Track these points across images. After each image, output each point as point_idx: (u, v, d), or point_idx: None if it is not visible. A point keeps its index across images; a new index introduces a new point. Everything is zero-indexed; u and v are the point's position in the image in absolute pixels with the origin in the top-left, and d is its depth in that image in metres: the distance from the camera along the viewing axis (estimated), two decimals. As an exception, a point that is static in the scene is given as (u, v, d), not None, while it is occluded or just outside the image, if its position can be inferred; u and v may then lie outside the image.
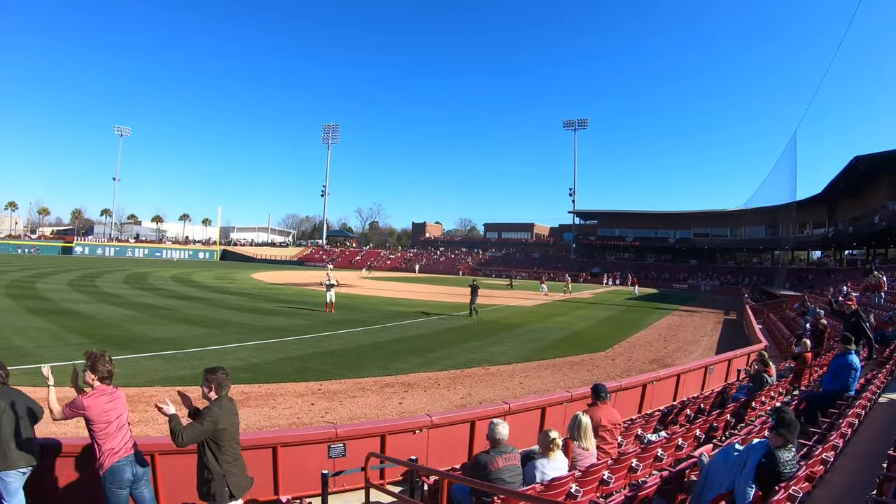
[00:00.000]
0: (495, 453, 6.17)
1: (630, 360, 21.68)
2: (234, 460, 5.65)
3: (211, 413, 5.48)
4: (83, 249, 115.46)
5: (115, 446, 5.71)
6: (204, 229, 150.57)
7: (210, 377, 5.69)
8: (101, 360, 5.89)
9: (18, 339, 19.45)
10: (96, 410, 5.65)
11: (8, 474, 5.87)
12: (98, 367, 5.84)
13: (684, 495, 6.37)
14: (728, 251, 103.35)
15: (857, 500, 5.39)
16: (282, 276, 72.33)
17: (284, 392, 14.57)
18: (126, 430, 5.92)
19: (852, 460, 6.67)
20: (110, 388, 5.93)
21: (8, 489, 5.89)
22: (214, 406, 5.56)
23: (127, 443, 5.84)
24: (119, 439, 5.77)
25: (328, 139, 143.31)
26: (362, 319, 29.85)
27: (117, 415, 5.82)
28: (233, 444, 5.66)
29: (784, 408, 5.96)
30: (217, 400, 5.65)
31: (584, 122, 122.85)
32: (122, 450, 5.75)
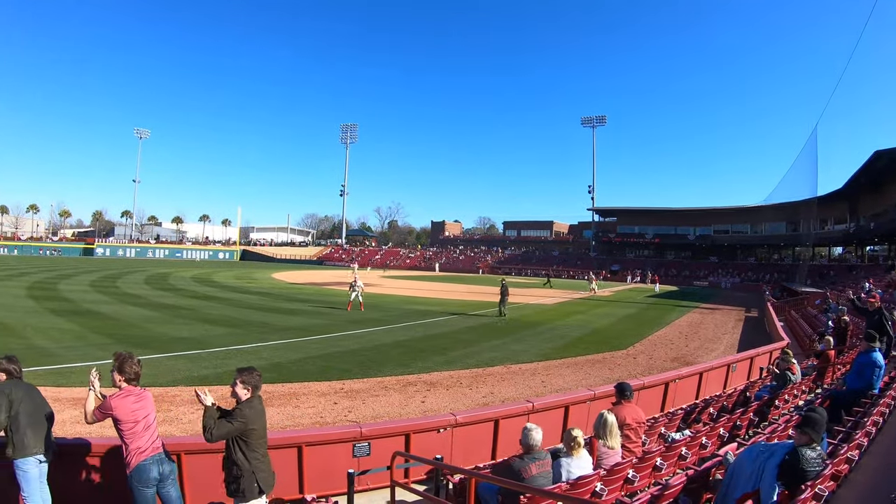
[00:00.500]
0: (529, 460, 6.14)
1: (651, 358, 21.60)
2: (262, 457, 5.71)
3: (242, 414, 5.53)
4: (104, 251, 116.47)
5: (142, 445, 5.78)
6: (224, 229, 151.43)
7: (245, 378, 5.71)
8: (129, 361, 5.98)
9: (41, 339, 19.71)
10: (123, 410, 5.74)
11: (26, 461, 5.97)
12: (125, 369, 5.92)
13: (710, 494, 6.38)
14: (748, 248, 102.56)
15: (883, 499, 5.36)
16: (302, 275, 72.58)
17: (307, 391, 14.66)
18: (153, 430, 5.99)
19: (877, 459, 6.62)
20: (137, 389, 6.01)
21: (27, 478, 5.97)
22: (246, 407, 5.60)
23: (154, 442, 5.92)
24: (146, 439, 5.83)
25: (346, 139, 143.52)
26: (383, 318, 29.94)
27: (144, 415, 5.89)
28: (261, 441, 5.72)
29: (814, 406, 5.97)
30: (249, 400, 5.68)
31: (603, 118, 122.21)
32: (148, 449, 5.81)
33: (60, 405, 11.90)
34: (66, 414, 11.49)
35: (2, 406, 5.92)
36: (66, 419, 11.17)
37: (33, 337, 20.02)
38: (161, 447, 6.00)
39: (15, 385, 6.16)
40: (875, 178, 57.93)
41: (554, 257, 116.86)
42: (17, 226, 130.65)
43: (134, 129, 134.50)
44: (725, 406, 12.35)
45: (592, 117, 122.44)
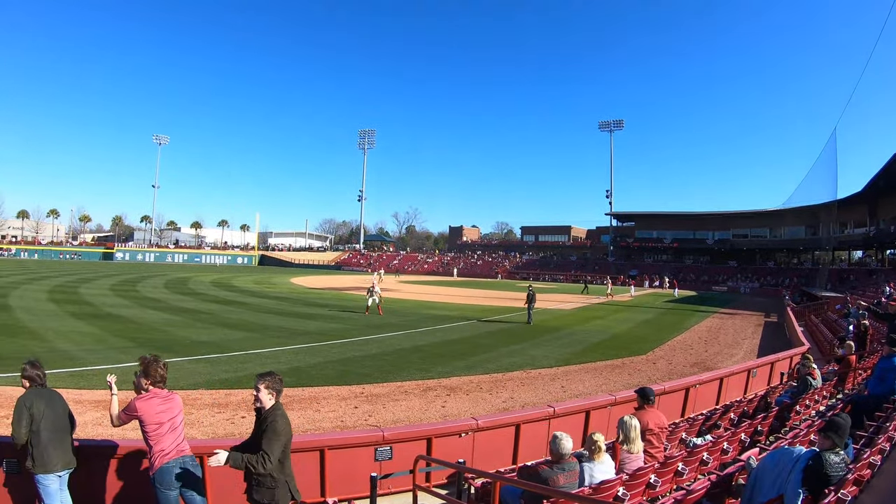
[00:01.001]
0: (558, 470, 6.12)
1: (671, 363, 21.54)
2: (289, 468, 5.60)
3: (283, 421, 5.43)
4: (124, 255, 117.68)
5: (166, 448, 5.79)
6: (242, 234, 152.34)
7: (270, 383, 5.50)
8: (154, 365, 6.02)
9: (63, 342, 19.93)
10: (148, 413, 5.78)
11: (46, 478, 5.99)
12: (150, 372, 5.96)
13: (732, 499, 6.38)
14: (768, 252, 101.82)
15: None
16: (320, 280, 72.85)
17: (328, 395, 14.73)
18: (179, 433, 6.00)
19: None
20: (164, 392, 6.03)
21: (47, 491, 6.01)
22: (280, 416, 5.44)
23: (179, 445, 5.94)
24: (170, 441, 5.85)
25: (364, 144, 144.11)
26: (402, 323, 30.02)
27: (169, 417, 5.91)
28: (288, 451, 5.59)
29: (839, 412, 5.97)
30: (275, 407, 5.52)
31: (620, 123, 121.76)
32: (172, 451, 5.82)
33: (82, 407, 12.06)
34: (87, 416, 11.65)
35: (23, 421, 5.93)
36: (88, 421, 11.36)
37: (55, 340, 20.26)
38: (187, 450, 6.01)
39: (38, 396, 6.13)
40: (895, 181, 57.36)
41: (572, 262, 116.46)
42: (38, 230, 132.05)
43: (153, 136, 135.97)
44: (746, 411, 12.33)
45: (610, 121, 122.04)
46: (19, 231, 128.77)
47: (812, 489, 5.20)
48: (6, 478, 6.67)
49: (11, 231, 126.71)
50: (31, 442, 5.95)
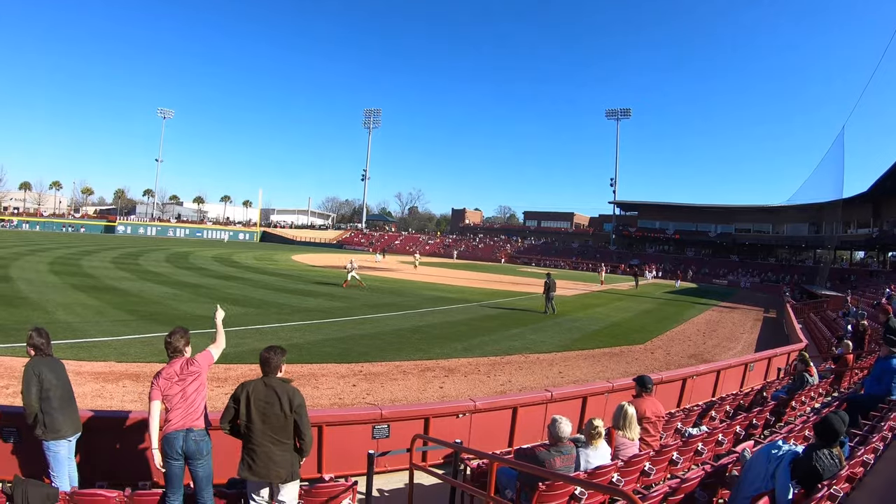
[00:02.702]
0: (555, 452, 6.14)
1: (669, 353, 21.63)
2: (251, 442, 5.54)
3: (235, 391, 5.55)
4: (125, 228, 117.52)
5: (173, 418, 5.65)
6: (244, 210, 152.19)
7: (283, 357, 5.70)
8: (172, 335, 6.04)
9: (63, 314, 20.03)
10: (160, 382, 5.71)
11: (58, 444, 6.04)
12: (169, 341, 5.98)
13: (725, 489, 6.45)
14: (769, 248, 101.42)
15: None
16: (321, 258, 72.91)
17: (326, 373, 14.85)
18: (190, 404, 5.79)
19: (892, 465, 6.66)
20: (181, 361, 5.93)
21: (57, 458, 6.06)
22: (239, 386, 5.56)
23: (188, 416, 5.75)
24: (180, 412, 5.69)
25: (369, 124, 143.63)
26: (402, 303, 30.18)
27: (181, 388, 5.77)
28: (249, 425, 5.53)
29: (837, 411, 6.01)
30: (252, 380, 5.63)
31: (628, 111, 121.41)
32: (178, 422, 5.66)
33: (82, 378, 12.16)
34: (87, 387, 11.73)
35: (32, 388, 5.94)
36: (87, 392, 11.44)
37: (56, 311, 20.34)
38: (198, 424, 5.84)
39: (45, 364, 6.14)
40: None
41: (573, 249, 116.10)
42: (40, 202, 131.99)
43: (158, 110, 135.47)
44: (742, 404, 12.40)
45: (617, 110, 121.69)
46: (21, 203, 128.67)
47: (804, 484, 5.25)
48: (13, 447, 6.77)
49: (14, 203, 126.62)
50: (42, 409, 5.98)
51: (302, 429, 5.54)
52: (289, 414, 5.45)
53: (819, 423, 5.69)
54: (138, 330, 18.07)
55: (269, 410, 5.41)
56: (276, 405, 5.42)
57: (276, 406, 5.42)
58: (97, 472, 6.94)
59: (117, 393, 11.76)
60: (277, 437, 5.46)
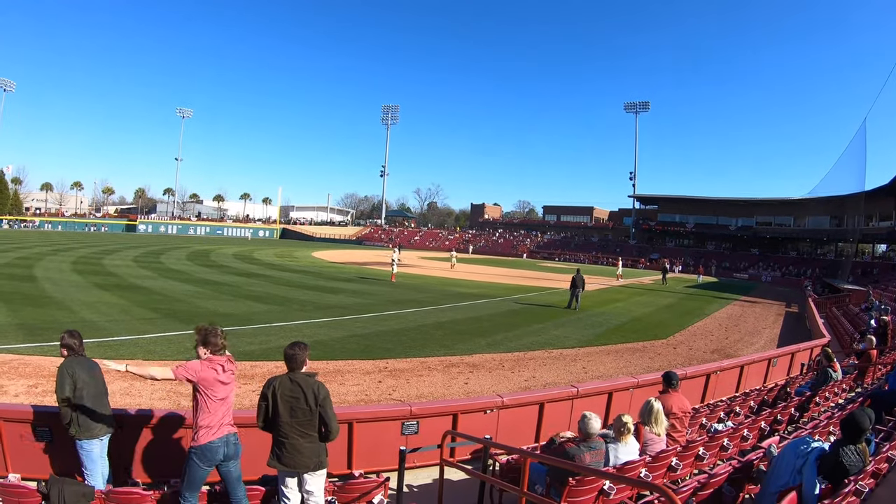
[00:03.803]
0: (585, 448, 6.22)
1: (691, 348, 21.62)
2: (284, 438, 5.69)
3: (264, 387, 5.70)
4: (146, 227, 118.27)
5: (213, 423, 5.65)
6: (264, 208, 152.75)
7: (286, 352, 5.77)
8: (213, 333, 5.88)
9: (88, 312, 20.27)
10: (206, 379, 5.64)
11: (91, 443, 6.17)
12: (210, 340, 5.82)
13: (752, 485, 6.53)
14: (791, 241, 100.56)
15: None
16: (342, 255, 73.04)
17: (352, 369, 15.00)
18: (228, 408, 5.86)
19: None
20: (223, 360, 5.85)
21: (90, 457, 6.20)
22: (268, 381, 5.73)
23: (227, 420, 5.82)
24: (219, 415, 5.71)
25: (387, 120, 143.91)
26: (423, 299, 30.29)
27: (224, 391, 5.78)
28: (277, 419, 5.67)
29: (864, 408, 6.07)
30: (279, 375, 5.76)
31: (646, 104, 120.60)
32: (217, 427, 5.66)
33: (108, 377, 12.15)
34: (114, 386, 11.77)
35: (66, 387, 6.05)
36: (116, 391, 11.44)
37: (81, 311, 20.57)
38: (233, 427, 5.91)
39: (78, 364, 6.27)
40: (924, 175, 56.55)
41: (593, 243, 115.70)
42: (62, 202, 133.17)
43: (177, 109, 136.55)
44: (766, 400, 12.43)
45: (636, 103, 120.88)
46: (43, 203, 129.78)
47: (830, 479, 5.35)
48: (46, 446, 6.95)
49: (35, 203, 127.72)
50: (75, 409, 6.11)
51: (327, 420, 5.68)
52: (314, 407, 5.61)
53: (845, 420, 5.77)
54: (163, 328, 18.27)
55: (295, 405, 5.57)
56: (302, 399, 5.58)
57: (302, 400, 5.58)
58: (129, 470, 7.16)
59: (145, 391, 11.95)
60: (304, 430, 5.63)
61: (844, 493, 4.84)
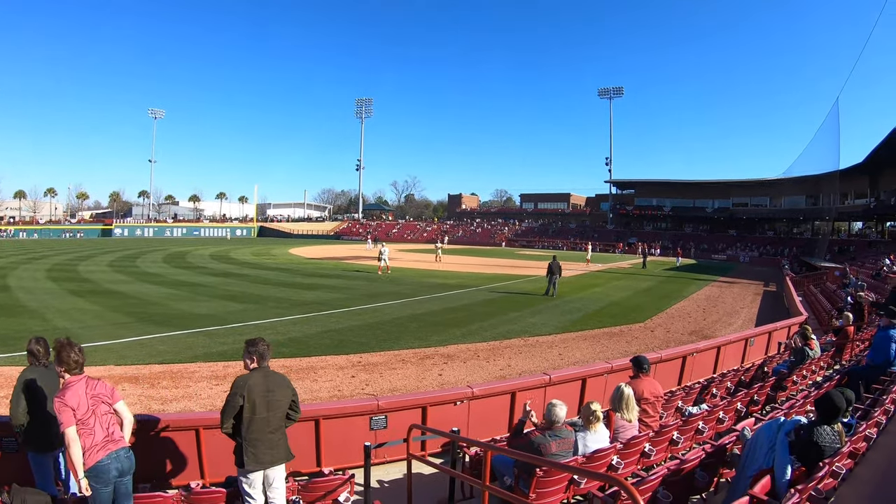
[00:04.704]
0: (551, 437, 6.09)
1: (669, 331, 21.57)
2: (255, 435, 5.48)
3: (236, 382, 5.49)
4: (122, 231, 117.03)
5: (98, 442, 5.20)
6: (240, 206, 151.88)
7: (251, 349, 5.62)
8: (68, 349, 5.42)
9: (62, 320, 19.84)
10: (75, 403, 5.16)
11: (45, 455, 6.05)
12: (64, 359, 5.35)
13: (726, 469, 6.38)
14: (767, 221, 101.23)
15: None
16: (319, 250, 72.55)
17: (325, 365, 14.83)
18: (109, 424, 5.37)
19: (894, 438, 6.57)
20: (84, 377, 5.41)
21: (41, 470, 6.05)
22: (242, 377, 5.54)
23: (110, 436, 5.33)
24: (101, 435, 5.25)
25: (361, 113, 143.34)
26: (399, 292, 30.10)
27: (93, 406, 5.27)
28: (256, 418, 5.47)
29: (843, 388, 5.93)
30: (249, 372, 5.61)
31: (620, 90, 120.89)
32: (101, 445, 5.21)
33: None
34: None
35: (19, 401, 5.82)
36: None
37: (54, 318, 20.14)
38: (121, 440, 5.42)
39: (39, 374, 6.01)
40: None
41: (571, 230, 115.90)
42: (36, 210, 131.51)
43: (148, 110, 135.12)
44: (743, 380, 12.35)
45: (609, 88, 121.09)
46: (17, 211, 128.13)
47: (805, 461, 5.18)
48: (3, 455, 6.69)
49: (9, 212, 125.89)
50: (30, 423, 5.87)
51: (296, 408, 5.81)
52: (288, 399, 5.70)
53: (820, 400, 5.61)
54: (137, 332, 17.97)
55: (272, 398, 5.54)
56: (278, 392, 5.60)
57: (279, 393, 5.60)
58: None
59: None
60: (279, 424, 5.67)
61: (820, 476, 4.66)
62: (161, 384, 12.72)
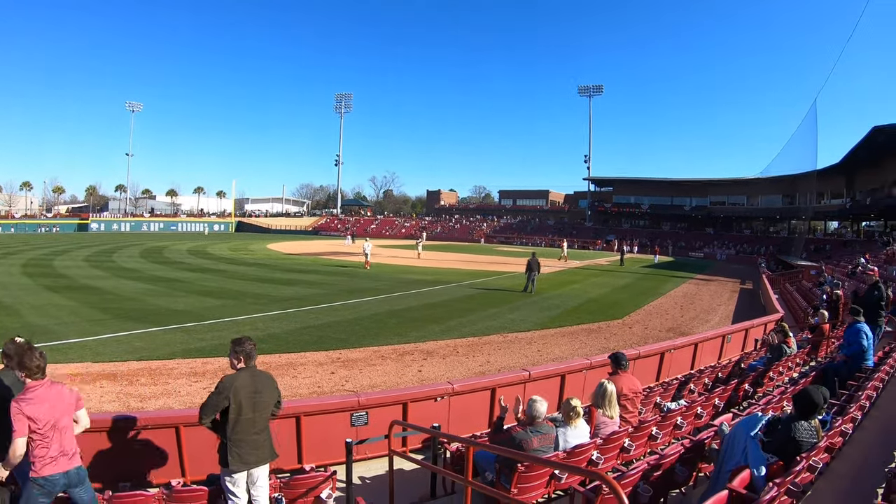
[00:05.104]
0: (532, 432, 6.13)
1: (647, 328, 21.75)
2: (240, 435, 5.42)
3: (222, 383, 5.38)
4: (99, 226, 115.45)
5: (53, 453, 4.97)
6: (218, 201, 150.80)
7: (237, 349, 5.54)
8: (30, 353, 5.07)
9: (36, 316, 19.53)
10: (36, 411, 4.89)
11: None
12: (26, 363, 5.01)
13: (705, 464, 6.44)
14: (744, 220, 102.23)
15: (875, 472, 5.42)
16: (297, 246, 72.20)
17: (305, 361, 14.80)
18: (68, 436, 5.17)
19: (869, 434, 6.68)
20: (47, 383, 5.10)
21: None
22: (229, 377, 5.45)
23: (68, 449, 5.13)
24: (56, 447, 5.01)
25: (341, 108, 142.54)
26: (378, 288, 30.05)
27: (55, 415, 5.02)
28: (242, 419, 5.42)
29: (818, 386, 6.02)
30: (238, 371, 5.55)
31: (600, 88, 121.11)
32: (58, 457, 5.01)
33: None
34: None
35: None
36: None
37: (29, 315, 19.83)
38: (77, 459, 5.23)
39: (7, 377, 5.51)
40: (873, 154, 57.71)
41: (549, 227, 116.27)
42: (11, 204, 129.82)
43: (126, 103, 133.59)
44: (720, 377, 12.47)
45: (589, 86, 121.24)
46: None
47: (783, 455, 5.25)
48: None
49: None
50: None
51: (279, 406, 5.85)
52: (274, 400, 5.72)
53: (798, 395, 5.70)
54: (113, 329, 17.76)
55: (258, 399, 5.52)
56: (265, 393, 5.58)
57: (265, 394, 5.59)
58: None
59: (94, 394, 11.57)
60: (265, 425, 5.66)
61: (797, 471, 4.73)
62: (139, 381, 12.62)
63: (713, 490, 5.21)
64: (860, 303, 12.41)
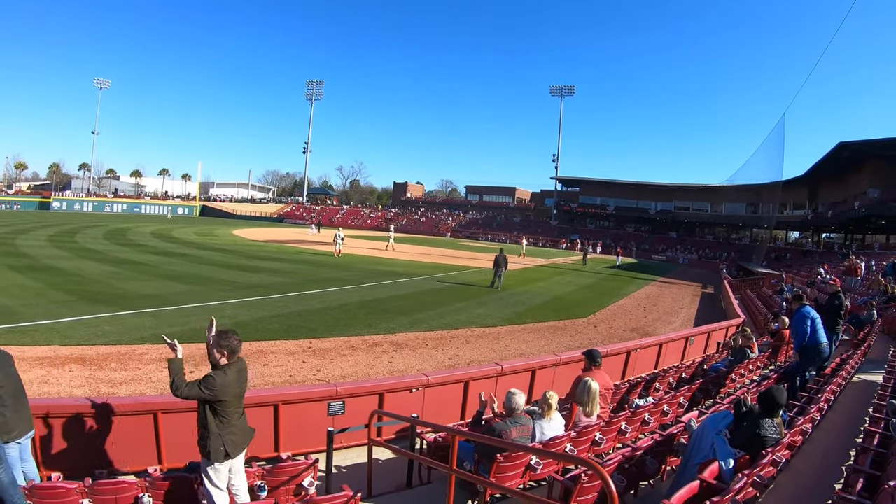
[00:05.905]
0: (511, 423, 6.31)
1: (611, 327, 22.14)
2: (234, 422, 5.54)
3: (213, 384, 5.29)
4: (61, 205, 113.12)
5: None
6: (183, 184, 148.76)
7: (223, 343, 5.54)
8: None
9: (0, 297, 19.10)
10: None
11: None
12: None
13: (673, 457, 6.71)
14: (708, 225, 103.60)
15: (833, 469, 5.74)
16: (263, 232, 71.45)
17: (275, 350, 14.83)
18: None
19: (826, 434, 7.04)
20: None
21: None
22: (219, 376, 5.37)
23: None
24: None
25: (312, 96, 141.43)
26: (345, 278, 30.05)
27: None
28: (232, 409, 5.54)
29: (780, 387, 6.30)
30: (225, 367, 5.50)
31: (572, 88, 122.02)
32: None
33: (26, 364, 11.65)
34: (32, 374, 11.22)
35: None
36: (33, 379, 10.95)
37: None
38: None
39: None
40: (837, 168, 59.23)
41: (515, 223, 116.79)
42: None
43: (94, 80, 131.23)
44: (684, 377, 12.80)
45: (561, 87, 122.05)
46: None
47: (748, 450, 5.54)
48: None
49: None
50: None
51: None
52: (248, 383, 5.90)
53: (763, 395, 6.00)
54: (80, 311, 17.51)
55: (242, 389, 5.69)
56: (246, 382, 5.80)
57: (246, 383, 5.80)
58: (52, 464, 6.76)
59: (64, 378, 11.42)
60: (243, 411, 5.80)
61: (763, 464, 4.99)
62: (109, 366, 12.47)
63: (681, 481, 5.47)
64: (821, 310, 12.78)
